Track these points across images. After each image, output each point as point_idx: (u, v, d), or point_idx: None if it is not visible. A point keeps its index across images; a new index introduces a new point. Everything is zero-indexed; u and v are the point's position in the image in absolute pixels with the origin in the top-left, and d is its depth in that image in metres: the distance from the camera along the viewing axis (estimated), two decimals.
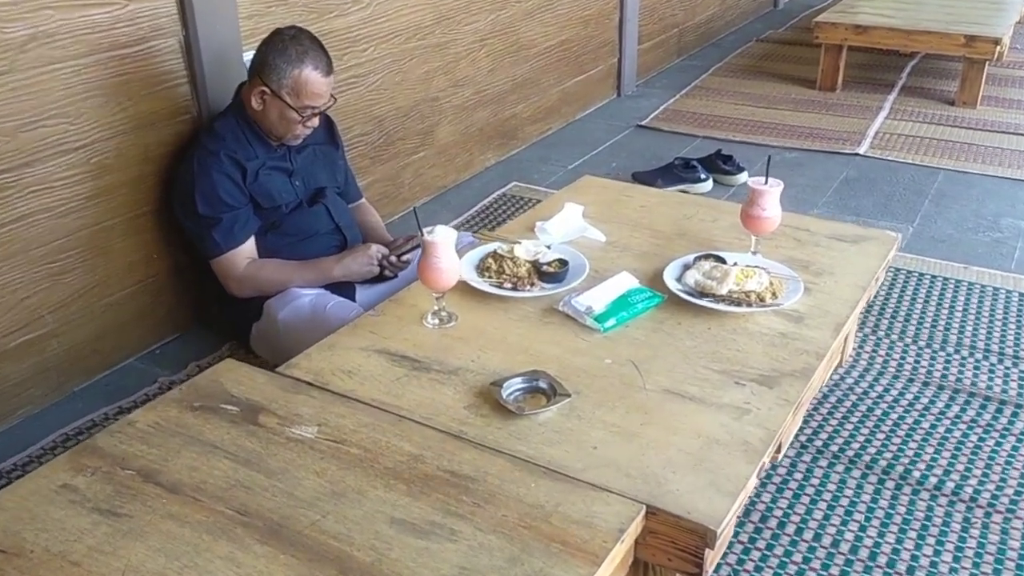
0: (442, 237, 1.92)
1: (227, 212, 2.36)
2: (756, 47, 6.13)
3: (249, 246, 2.41)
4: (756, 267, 2.13)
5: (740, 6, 6.59)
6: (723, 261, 2.18)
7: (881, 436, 2.28)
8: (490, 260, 2.19)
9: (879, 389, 2.47)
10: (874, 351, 2.65)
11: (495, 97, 3.97)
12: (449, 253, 1.94)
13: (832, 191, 3.82)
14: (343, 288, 2.48)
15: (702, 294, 2.06)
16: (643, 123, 4.65)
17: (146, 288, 2.58)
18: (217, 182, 2.34)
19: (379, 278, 2.51)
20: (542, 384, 1.77)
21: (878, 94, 5.05)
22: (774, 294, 2.06)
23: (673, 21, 5.56)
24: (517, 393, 1.76)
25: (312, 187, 2.55)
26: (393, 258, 2.47)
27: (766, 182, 2.20)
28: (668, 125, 4.63)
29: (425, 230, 1.94)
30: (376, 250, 2.44)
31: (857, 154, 4.19)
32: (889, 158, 4.14)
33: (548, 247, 2.25)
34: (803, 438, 2.28)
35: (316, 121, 2.43)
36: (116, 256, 2.48)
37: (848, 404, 2.40)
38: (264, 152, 2.44)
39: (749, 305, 2.02)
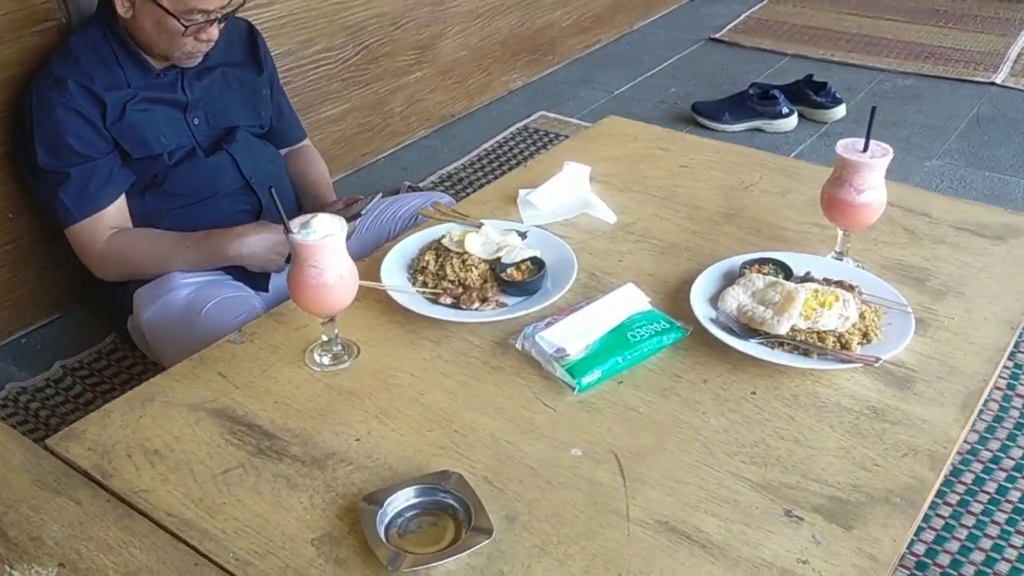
0: (320, 236, 1.19)
1: (78, 165, 1.67)
2: None
3: (115, 211, 1.72)
4: (839, 285, 1.34)
5: None
6: (788, 272, 1.40)
7: (1018, 543, 1.49)
8: (428, 257, 1.45)
9: (1016, 455, 1.67)
10: (1008, 391, 1.83)
11: (523, 0, 3.13)
12: (334, 260, 1.21)
13: (957, 134, 2.90)
14: (252, 272, 1.78)
15: (749, 330, 1.29)
16: (717, 36, 3.74)
17: (1, 259, 1.92)
18: (63, 122, 1.64)
19: None
20: (450, 502, 1.05)
21: (1022, 3, 4.00)
22: (865, 335, 1.28)
23: None
24: (406, 517, 1.04)
25: (220, 126, 1.83)
26: None
27: (865, 149, 1.39)
28: (749, 39, 3.71)
29: (295, 223, 1.21)
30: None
31: (993, 83, 3.23)
32: None
33: (523, 235, 1.50)
34: None
35: (215, 32, 1.69)
36: None
37: (965, 483, 1.61)
38: (140, 78, 1.72)
39: (824, 355, 1.25)
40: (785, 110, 2.92)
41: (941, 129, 2.93)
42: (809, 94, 2.98)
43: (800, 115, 2.97)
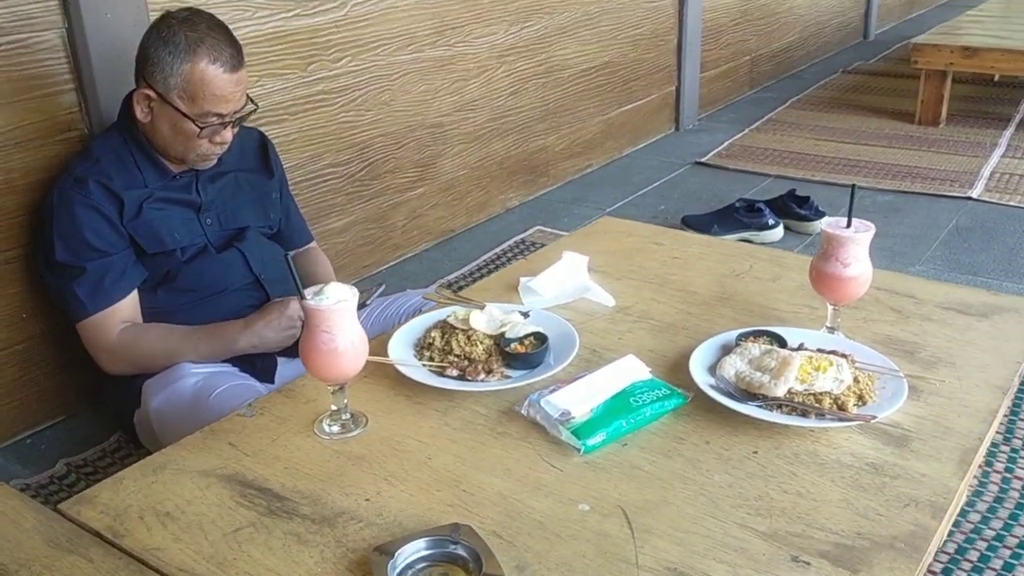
0: (334, 301, 1.24)
1: (94, 260, 1.73)
2: (842, 79, 5.35)
3: (127, 306, 1.77)
4: (833, 354, 1.39)
5: (824, 35, 5.83)
6: (783, 343, 1.45)
7: None
8: (434, 334, 1.50)
9: (1019, 533, 1.67)
10: (1008, 468, 1.85)
11: (518, 125, 3.30)
12: (346, 327, 1.26)
13: (939, 243, 3.02)
14: (259, 362, 1.82)
15: (747, 395, 1.33)
16: (703, 160, 3.92)
17: (12, 359, 1.96)
18: (81, 219, 1.72)
19: None
20: (460, 553, 1.06)
21: (991, 129, 4.21)
22: (861, 398, 1.32)
23: (744, 48, 4.84)
24: (417, 568, 1.05)
25: (231, 227, 1.91)
26: None
27: (848, 224, 1.47)
28: (733, 162, 3.89)
29: (309, 291, 1.26)
30: (297, 308, 1.76)
31: (969, 198, 3.37)
32: (1012, 203, 3.31)
33: (525, 315, 1.55)
34: None
35: (229, 135, 1.79)
36: None
37: (971, 560, 1.61)
38: (157, 179, 1.81)
39: (821, 415, 1.28)
40: (771, 221, 3.04)
41: (922, 239, 3.04)
42: (792, 207, 3.11)
43: (785, 227, 3.09)
